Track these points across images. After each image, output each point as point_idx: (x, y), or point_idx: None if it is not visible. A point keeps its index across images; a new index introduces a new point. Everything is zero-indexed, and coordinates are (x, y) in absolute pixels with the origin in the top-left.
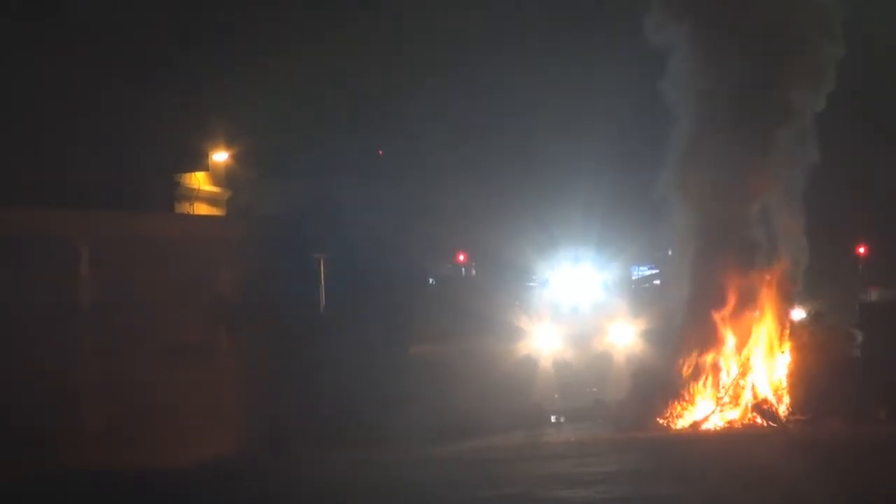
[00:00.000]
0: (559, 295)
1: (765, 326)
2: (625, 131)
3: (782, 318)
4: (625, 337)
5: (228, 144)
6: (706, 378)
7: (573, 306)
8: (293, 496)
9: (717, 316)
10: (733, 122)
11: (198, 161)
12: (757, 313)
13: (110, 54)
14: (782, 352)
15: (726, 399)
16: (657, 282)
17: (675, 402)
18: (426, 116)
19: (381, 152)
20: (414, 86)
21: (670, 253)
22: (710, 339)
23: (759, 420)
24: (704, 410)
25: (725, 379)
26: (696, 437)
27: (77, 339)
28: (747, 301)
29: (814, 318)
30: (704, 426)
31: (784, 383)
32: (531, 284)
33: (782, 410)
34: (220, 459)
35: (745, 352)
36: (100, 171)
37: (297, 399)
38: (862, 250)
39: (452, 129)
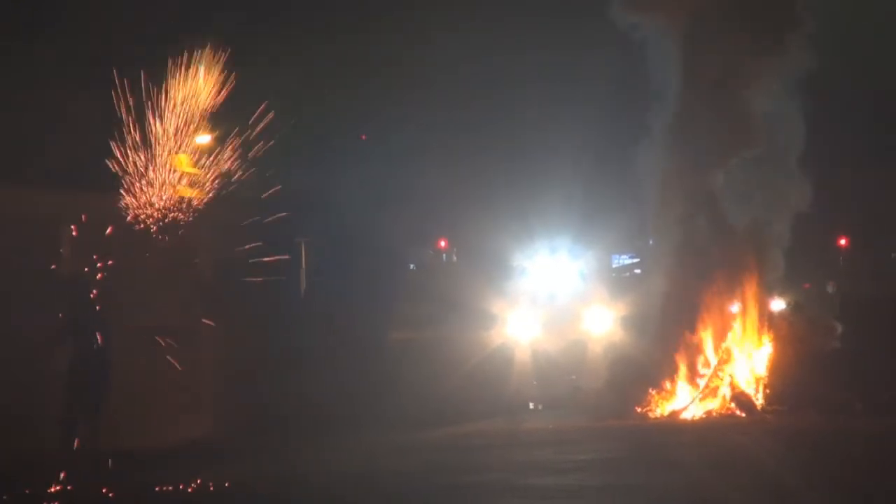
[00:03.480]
0: (537, 283)
1: (744, 317)
2: (606, 119)
3: (762, 308)
4: (602, 325)
5: (212, 126)
6: (685, 368)
7: (551, 294)
8: (272, 482)
9: (695, 306)
10: (712, 110)
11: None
12: (737, 304)
13: (96, 34)
14: (761, 343)
15: (705, 389)
16: (638, 271)
17: (654, 392)
18: (409, 103)
19: (363, 137)
20: (397, 72)
21: (651, 242)
22: (688, 330)
23: (737, 410)
24: (683, 400)
25: (704, 369)
26: (673, 427)
27: (57, 319)
28: (727, 291)
29: (794, 309)
30: (682, 416)
31: (763, 374)
32: (511, 272)
33: (760, 401)
34: (195, 443)
35: (724, 342)
36: (81, 152)
37: (276, 384)
38: (843, 242)
39: (434, 116)
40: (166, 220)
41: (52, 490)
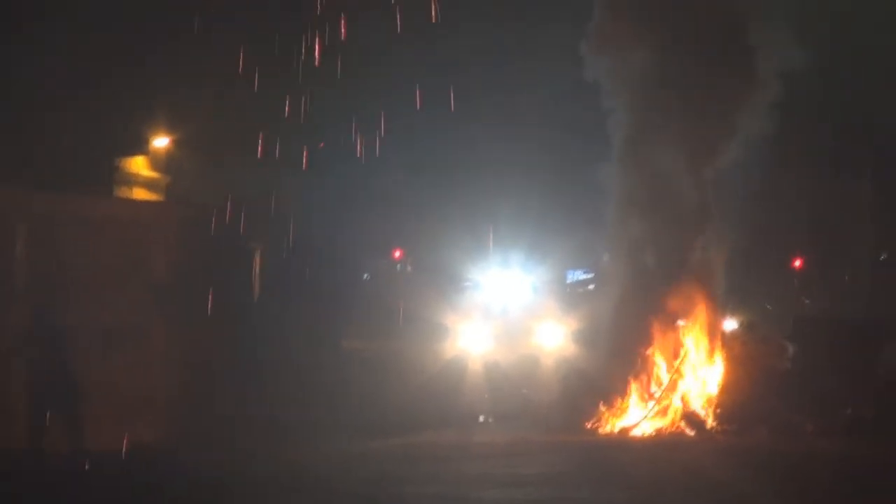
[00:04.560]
0: (490, 296)
1: (696, 336)
2: (563, 134)
3: (714, 327)
4: (554, 339)
5: (169, 130)
6: (636, 385)
7: (503, 308)
8: (211, 488)
9: (647, 324)
10: (670, 132)
11: (137, 145)
12: (688, 322)
13: (51, 33)
14: (713, 362)
15: (655, 407)
16: (591, 286)
17: (604, 408)
18: (367, 113)
19: (322, 144)
20: (357, 81)
21: (605, 258)
22: (640, 347)
23: (686, 429)
24: (633, 417)
25: (655, 387)
26: (623, 443)
27: (11, 319)
28: (678, 309)
29: (746, 329)
30: (632, 433)
31: (714, 393)
32: (465, 285)
33: (710, 420)
34: (136, 449)
35: (675, 361)
36: (37, 152)
37: (224, 390)
38: (798, 263)
39: (392, 124)
40: None
41: None
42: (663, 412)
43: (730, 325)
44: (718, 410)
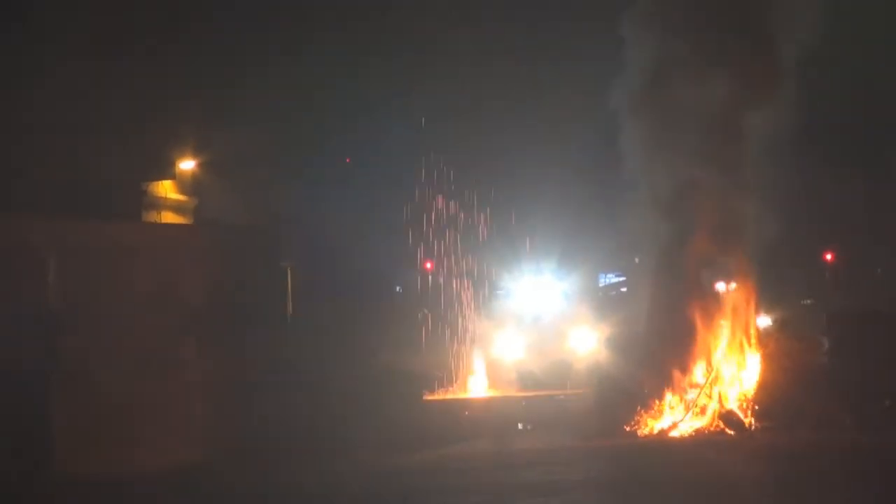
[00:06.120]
0: (522, 304)
1: (731, 334)
2: (594, 135)
3: (748, 325)
4: (588, 344)
5: (196, 152)
6: (672, 387)
7: (536, 315)
8: None
9: (681, 324)
10: (695, 127)
11: (165, 169)
12: (722, 321)
13: (76, 59)
14: (749, 360)
15: (693, 407)
16: (624, 289)
17: (642, 411)
18: (393, 124)
19: (348, 160)
20: (381, 94)
21: (637, 260)
22: (675, 348)
23: (725, 428)
24: (671, 419)
25: (692, 387)
26: (662, 446)
27: (44, 347)
28: (712, 309)
29: (780, 325)
30: (671, 434)
31: (751, 391)
32: (497, 293)
33: (748, 418)
34: (176, 470)
35: (711, 360)
36: (65, 179)
37: (259, 409)
38: (829, 257)
39: (419, 137)
40: None
41: None
42: (702, 412)
43: (764, 322)
44: (756, 408)
